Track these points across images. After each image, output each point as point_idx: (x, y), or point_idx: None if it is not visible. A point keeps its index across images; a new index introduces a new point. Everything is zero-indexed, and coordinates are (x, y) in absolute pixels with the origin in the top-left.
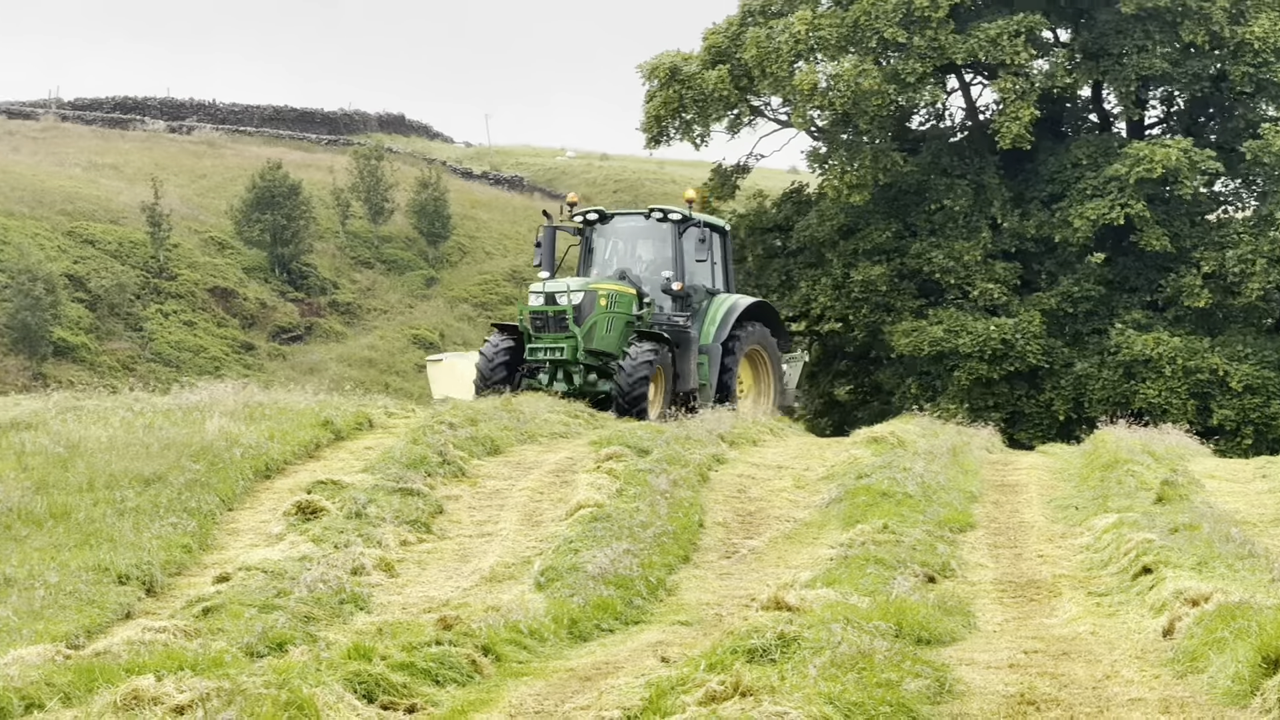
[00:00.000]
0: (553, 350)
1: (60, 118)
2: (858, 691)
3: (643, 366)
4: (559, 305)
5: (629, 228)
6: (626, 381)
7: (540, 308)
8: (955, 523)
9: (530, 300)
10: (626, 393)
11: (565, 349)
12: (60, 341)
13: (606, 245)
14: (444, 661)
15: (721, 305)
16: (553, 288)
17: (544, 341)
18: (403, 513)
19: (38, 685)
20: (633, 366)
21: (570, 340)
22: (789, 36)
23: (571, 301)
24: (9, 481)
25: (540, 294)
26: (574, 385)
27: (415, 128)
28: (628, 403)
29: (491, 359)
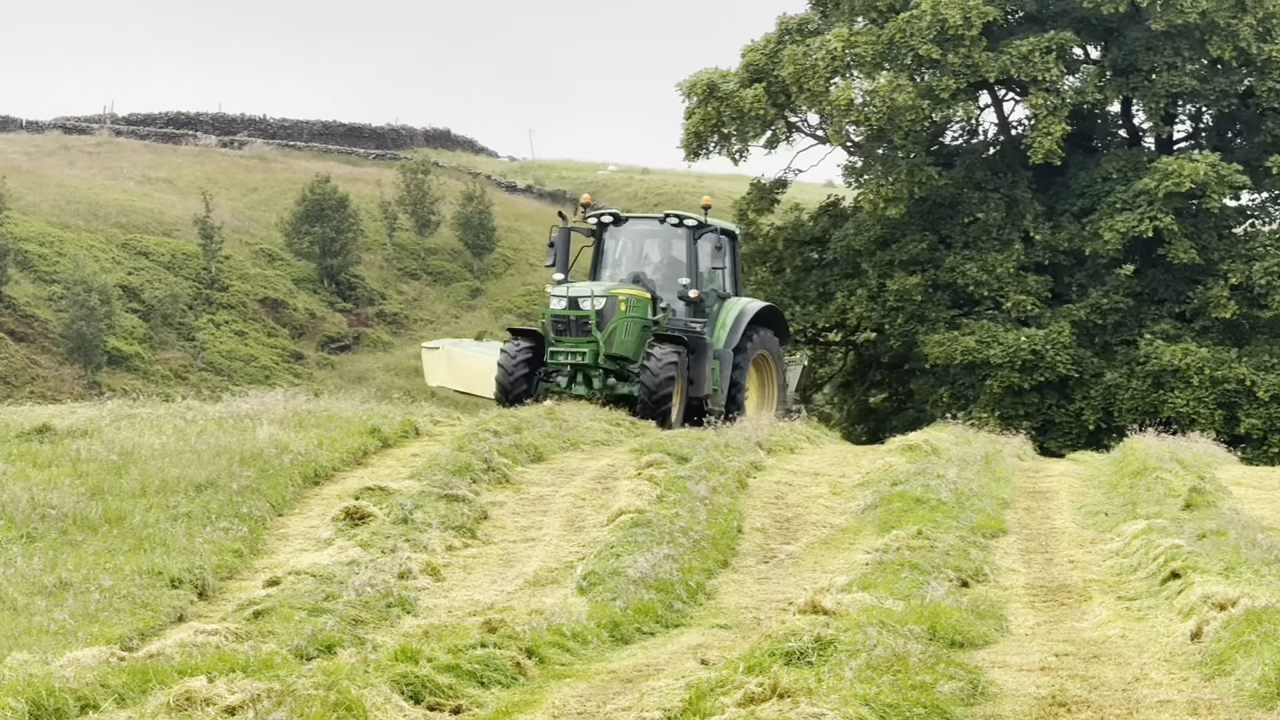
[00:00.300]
0: (574, 354)
1: (115, 133)
2: (893, 693)
3: (668, 368)
4: (582, 310)
5: (643, 231)
6: (653, 382)
7: (562, 312)
8: (988, 528)
9: (552, 304)
10: (652, 393)
11: (587, 353)
12: (115, 351)
13: (620, 248)
14: (489, 663)
15: (732, 310)
16: (576, 292)
17: (565, 345)
18: (448, 518)
19: (93, 686)
20: (658, 368)
21: (592, 345)
22: (825, 54)
23: (595, 306)
24: (65, 488)
25: (563, 298)
26: (593, 388)
27: (460, 143)
28: (653, 403)
29: (513, 362)
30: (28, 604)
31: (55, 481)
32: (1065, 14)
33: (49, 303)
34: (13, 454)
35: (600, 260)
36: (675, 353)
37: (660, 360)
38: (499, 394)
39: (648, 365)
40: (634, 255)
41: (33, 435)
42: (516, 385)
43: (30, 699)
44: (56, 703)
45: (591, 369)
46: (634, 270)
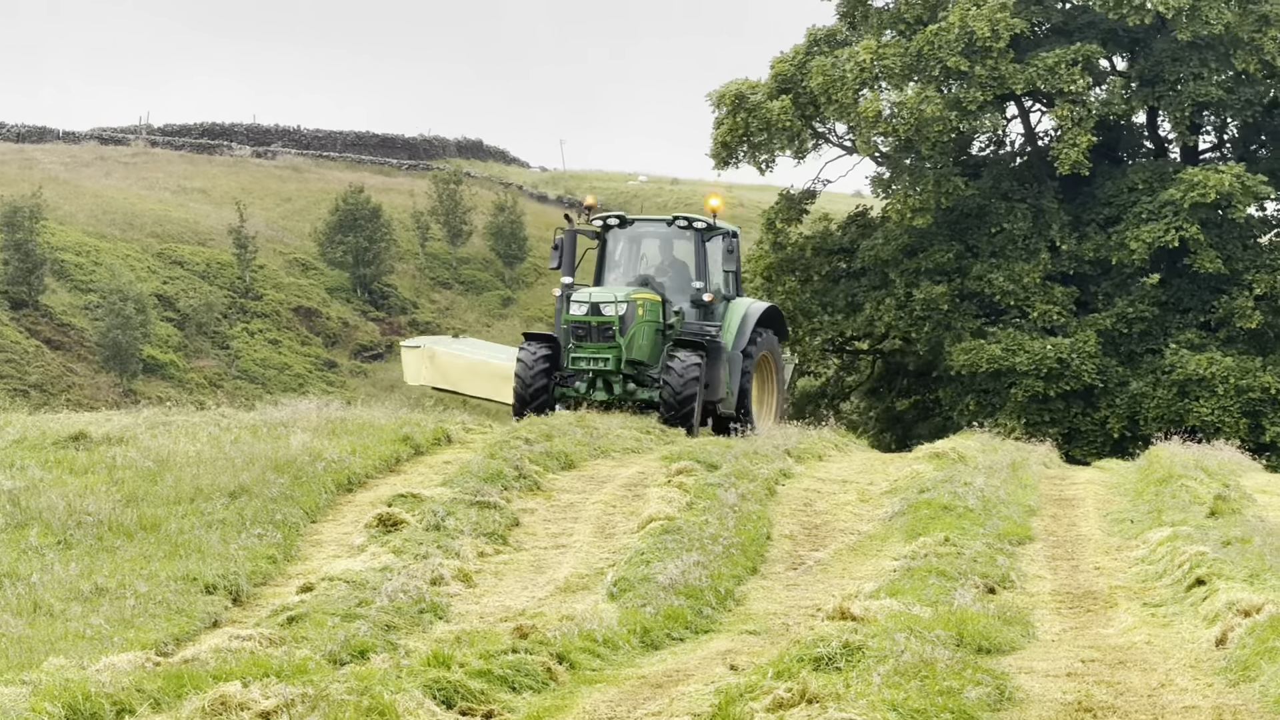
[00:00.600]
0: (596, 360)
1: (151, 144)
2: (920, 699)
3: (692, 369)
4: (605, 316)
5: (651, 234)
6: (678, 383)
7: (584, 318)
8: (1014, 536)
9: (572, 310)
10: (677, 394)
11: (610, 360)
12: (150, 359)
13: (626, 251)
14: (520, 669)
15: (737, 312)
16: (598, 298)
17: (587, 351)
18: (480, 525)
19: (129, 691)
20: (682, 369)
21: (615, 350)
22: (854, 65)
23: (618, 312)
24: (101, 494)
25: (584, 304)
26: (613, 394)
27: (492, 153)
28: (677, 404)
29: (531, 370)
30: (64, 609)
31: (91, 488)
32: (1092, 26)
33: (85, 311)
34: (49, 461)
35: (605, 263)
36: (698, 357)
37: (683, 365)
38: (517, 401)
39: (671, 370)
40: (641, 258)
41: (69, 443)
42: (536, 392)
43: (67, 703)
44: (93, 707)
45: (613, 375)
46: (641, 273)
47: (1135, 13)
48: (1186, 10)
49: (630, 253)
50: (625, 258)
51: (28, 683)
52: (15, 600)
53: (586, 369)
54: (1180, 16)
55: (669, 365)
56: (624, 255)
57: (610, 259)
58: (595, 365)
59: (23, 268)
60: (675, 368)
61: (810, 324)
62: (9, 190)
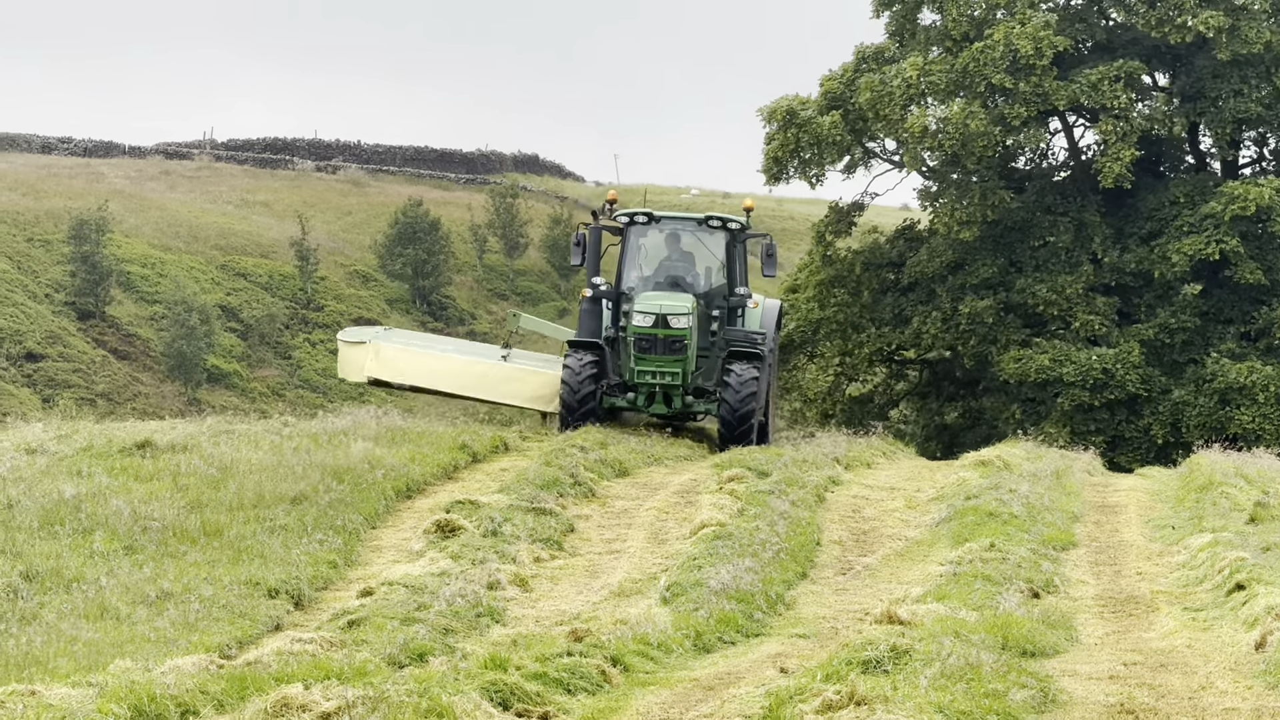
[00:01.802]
0: (663, 375)
1: (214, 158)
2: (966, 701)
3: (750, 383)
4: (674, 329)
5: (680, 233)
6: (735, 399)
7: (649, 330)
8: (1058, 541)
9: (636, 320)
10: (735, 410)
11: (679, 374)
12: (214, 369)
13: (654, 249)
14: (575, 671)
15: (755, 312)
16: (668, 308)
17: (651, 364)
18: (536, 531)
19: (193, 693)
20: (739, 383)
21: (682, 363)
22: (901, 82)
23: (688, 324)
24: (165, 501)
25: (651, 314)
26: (673, 409)
27: (548, 167)
28: (736, 420)
29: (579, 378)
30: (130, 613)
31: (156, 495)
32: (1134, 43)
33: (151, 322)
34: (115, 468)
35: (628, 260)
36: (755, 370)
37: (740, 379)
38: (564, 410)
39: (728, 385)
40: (668, 257)
41: (134, 450)
42: (583, 399)
43: (132, 705)
44: (158, 709)
45: (676, 390)
46: (670, 274)
47: (1177, 31)
48: (1227, 29)
49: (657, 251)
50: (651, 256)
51: (95, 684)
52: (83, 604)
53: (654, 383)
54: (1221, 35)
55: (725, 380)
56: (650, 253)
57: (634, 257)
58: (663, 380)
59: (90, 279)
60: (732, 382)
61: (859, 336)
62: (76, 203)
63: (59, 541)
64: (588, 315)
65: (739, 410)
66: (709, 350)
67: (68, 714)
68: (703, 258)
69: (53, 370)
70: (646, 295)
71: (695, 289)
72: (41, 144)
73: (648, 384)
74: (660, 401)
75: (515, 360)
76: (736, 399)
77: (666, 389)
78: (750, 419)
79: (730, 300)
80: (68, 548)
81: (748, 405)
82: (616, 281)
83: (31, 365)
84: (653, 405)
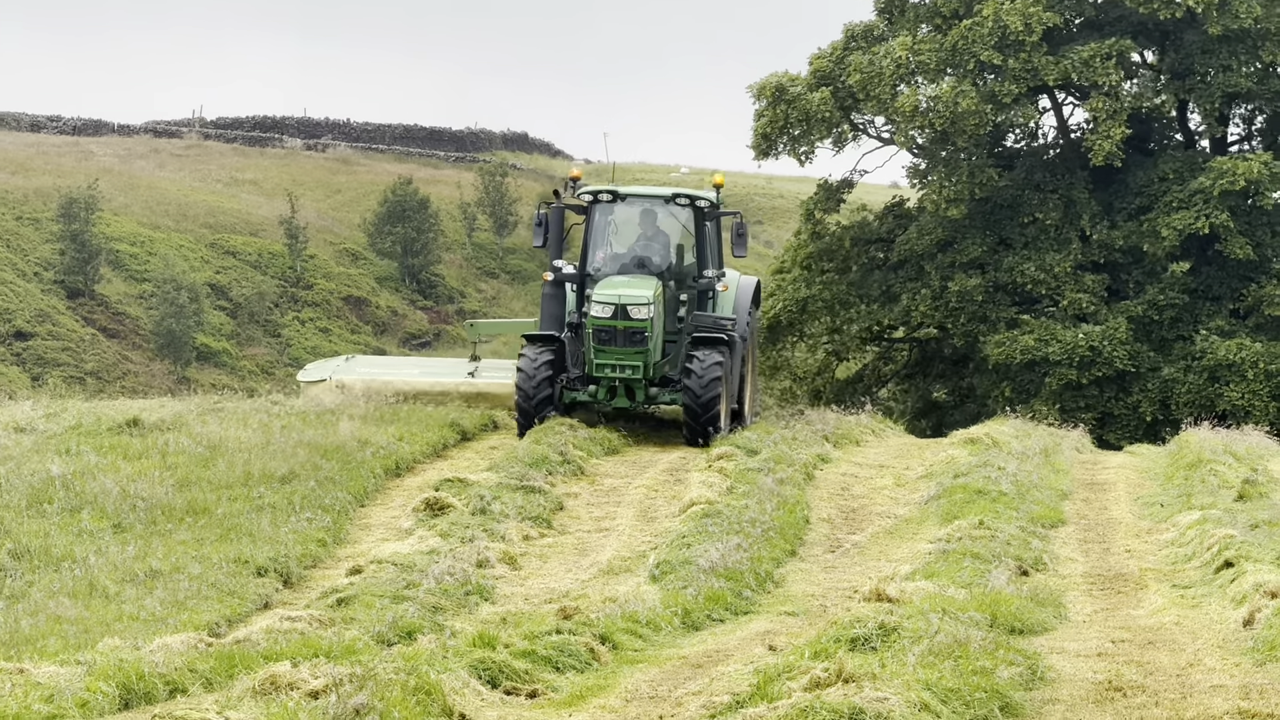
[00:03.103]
0: (623, 368)
1: (203, 136)
2: (954, 678)
3: (714, 369)
4: (635, 320)
5: (647, 211)
6: (698, 386)
7: (607, 321)
8: (1047, 519)
9: (594, 310)
10: (698, 397)
11: (640, 367)
12: (203, 347)
13: (619, 229)
14: (564, 649)
15: (728, 293)
16: (627, 297)
17: (611, 357)
18: (525, 509)
19: (181, 671)
20: (703, 369)
21: (643, 355)
22: (891, 60)
23: (649, 314)
24: (154, 479)
25: (610, 304)
26: (636, 402)
27: (537, 145)
28: (700, 408)
29: (533, 381)
30: (119, 591)
31: (144, 473)
32: (1123, 20)
33: (140, 300)
34: (104, 447)
35: (593, 240)
36: (719, 355)
37: (704, 365)
38: (521, 415)
39: (691, 371)
40: (634, 237)
41: (123, 429)
42: (540, 403)
43: (121, 683)
44: (146, 687)
45: (639, 383)
46: (636, 255)
47: (1166, 7)
48: (1217, 4)
49: (622, 230)
50: (616, 235)
51: (83, 663)
52: (71, 582)
53: (614, 377)
54: (1210, 10)
55: (688, 367)
56: (615, 233)
57: (599, 236)
58: (623, 374)
59: (79, 258)
60: (695, 369)
61: (847, 313)
62: (65, 182)
63: (47, 520)
64: (550, 300)
65: (702, 398)
66: (677, 336)
67: (56, 692)
68: (671, 237)
69: (42, 349)
70: (606, 282)
71: (662, 270)
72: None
73: (607, 377)
74: (622, 395)
75: (484, 374)
76: (700, 386)
77: (628, 382)
78: (715, 407)
79: (699, 283)
80: (56, 526)
81: (712, 392)
82: (581, 263)
83: (20, 344)
84: (614, 399)
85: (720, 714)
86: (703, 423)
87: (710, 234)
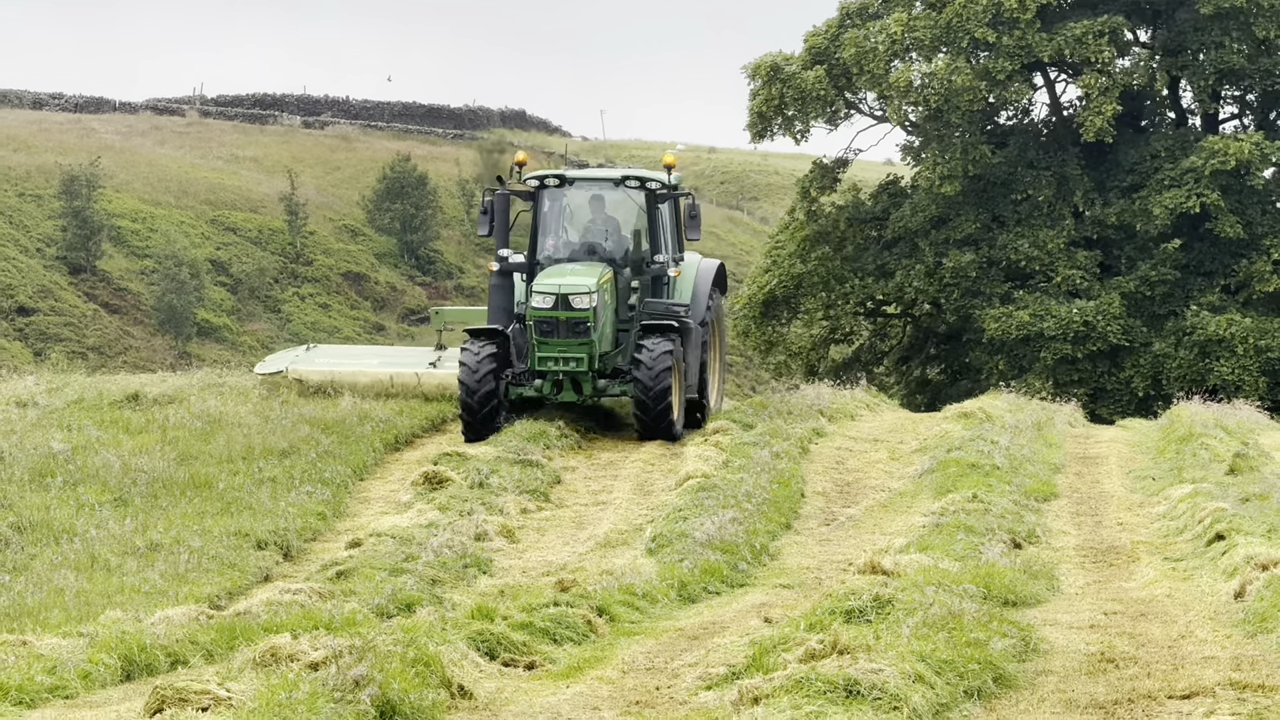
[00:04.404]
0: (567, 361)
1: (204, 114)
2: (948, 650)
3: (664, 358)
4: (577, 310)
5: (596, 195)
6: (648, 377)
7: (549, 313)
8: (1040, 493)
9: (535, 301)
10: (649, 389)
11: (584, 359)
12: (204, 322)
13: (567, 214)
14: (561, 621)
15: (686, 275)
16: (568, 287)
17: (554, 350)
18: (523, 483)
19: (183, 643)
20: (652, 359)
21: (588, 347)
22: (885, 37)
23: (591, 304)
24: (155, 454)
25: (550, 295)
26: (584, 395)
27: (535, 123)
28: (651, 400)
29: (476, 375)
30: (120, 564)
31: (146, 448)
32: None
33: (141, 276)
34: (105, 421)
35: (541, 228)
36: (669, 343)
37: (653, 354)
38: (465, 412)
39: (640, 362)
40: (584, 223)
41: (124, 403)
42: (485, 401)
43: (123, 655)
44: (148, 658)
45: (584, 376)
46: (587, 241)
47: None
48: None
49: (572, 216)
50: (566, 222)
51: (85, 635)
52: (73, 555)
53: (558, 369)
54: None
55: (637, 357)
56: (564, 219)
57: (547, 223)
58: (567, 367)
59: (81, 234)
60: (644, 359)
61: (842, 289)
62: (67, 159)
63: (49, 493)
64: (497, 291)
65: (653, 389)
66: (630, 324)
67: (59, 664)
68: (622, 222)
69: (44, 324)
70: (548, 271)
71: (614, 257)
72: (33, 99)
73: (552, 371)
74: (569, 389)
75: (446, 364)
76: (649, 377)
77: (574, 375)
78: (667, 398)
79: (651, 269)
80: (58, 500)
81: (663, 382)
82: (529, 252)
83: (23, 319)
84: (561, 394)
85: (716, 685)
86: (654, 415)
87: (664, 217)
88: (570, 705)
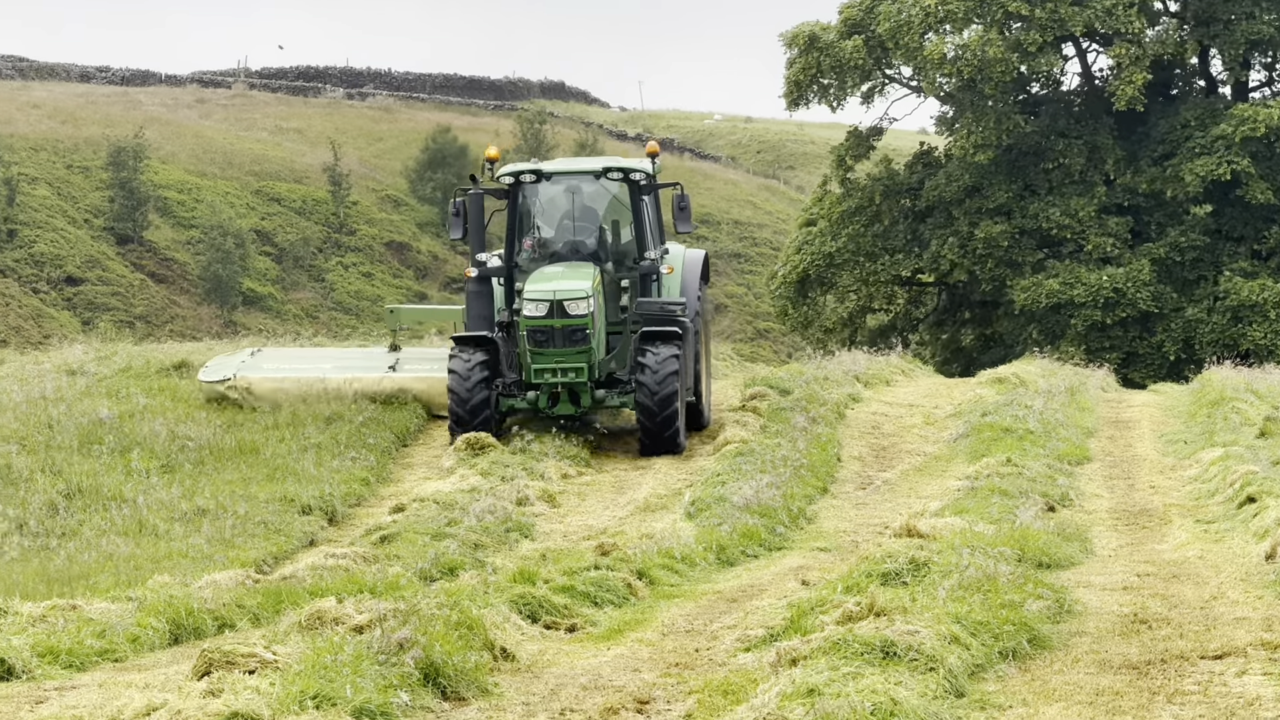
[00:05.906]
0: (565, 372)
1: (248, 86)
2: (983, 612)
3: (670, 362)
4: (574, 318)
5: (575, 190)
6: (654, 382)
7: (543, 321)
8: (1073, 456)
9: (528, 309)
10: (654, 394)
11: (584, 370)
12: (249, 291)
13: (548, 212)
14: (602, 585)
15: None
16: (563, 293)
17: (550, 360)
18: (563, 449)
19: (229, 607)
20: (657, 364)
21: (586, 355)
22: (920, 10)
23: (589, 310)
24: (201, 421)
25: (544, 301)
26: (582, 407)
27: (574, 94)
28: (658, 406)
29: (467, 384)
30: (168, 530)
31: (192, 415)
32: None
33: (187, 246)
34: (153, 389)
35: (519, 226)
36: (674, 349)
37: (660, 357)
38: (454, 422)
39: (645, 367)
40: (565, 220)
41: (172, 371)
42: (476, 411)
43: (171, 618)
44: (195, 622)
45: (584, 386)
46: (568, 240)
47: None
48: None
49: (550, 213)
50: (544, 219)
51: (134, 599)
52: (121, 521)
53: (556, 381)
54: None
55: (641, 362)
56: (543, 217)
57: (525, 222)
58: (565, 378)
59: (128, 205)
60: (649, 363)
61: (874, 265)
62: (114, 131)
63: (98, 460)
64: (476, 298)
65: (659, 395)
66: (621, 327)
67: (108, 628)
68: (605, 217)
69: (92, 294)
70: (537, 275)
71: (599, 255)
72: (80, 73)
73: (548, 383)
74: (566, 401)
75: (405, 367)
76: (655, 382)
77: (571, 386)
78: (673, 405)
79: (640, 265)
80: (106, 466)
81: (668, 388)
82: (507, 254)
83: (72, 289)
84: (558, 406)
85: (755, 647)
86: (659, 423)
87: (649, 209)
88: (611, 667)
